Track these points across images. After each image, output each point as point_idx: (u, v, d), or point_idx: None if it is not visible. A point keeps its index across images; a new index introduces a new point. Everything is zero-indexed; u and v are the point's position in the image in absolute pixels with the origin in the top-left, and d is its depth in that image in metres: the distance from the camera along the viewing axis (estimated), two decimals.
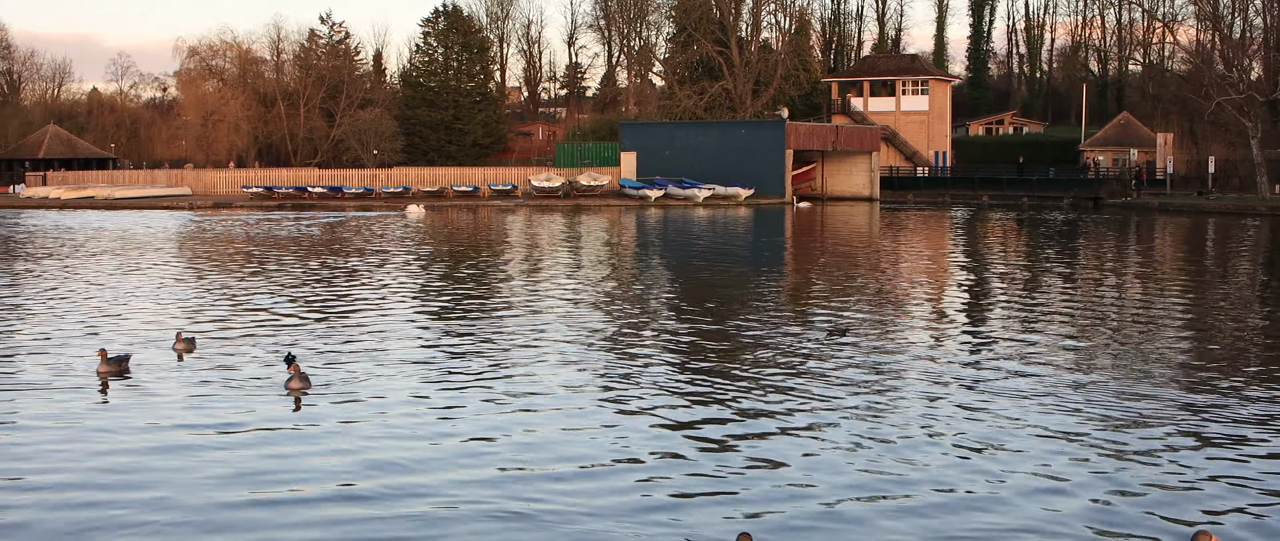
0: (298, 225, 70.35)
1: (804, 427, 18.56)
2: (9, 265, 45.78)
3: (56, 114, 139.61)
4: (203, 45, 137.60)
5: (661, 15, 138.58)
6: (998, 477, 15.82)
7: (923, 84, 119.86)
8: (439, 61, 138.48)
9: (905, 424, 18.72)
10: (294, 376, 21.17)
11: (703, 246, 55.66)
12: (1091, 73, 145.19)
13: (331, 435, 18.35)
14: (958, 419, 18.99)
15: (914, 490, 15.39)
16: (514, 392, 21.08)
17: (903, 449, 17.28)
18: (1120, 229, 67.21)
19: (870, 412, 19.47)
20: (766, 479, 15.96)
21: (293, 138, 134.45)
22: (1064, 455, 16.82)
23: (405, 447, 17.63)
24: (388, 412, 19.82)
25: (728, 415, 19.47)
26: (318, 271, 42.68)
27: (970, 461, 16.59)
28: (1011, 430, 18.20)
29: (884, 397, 20.53)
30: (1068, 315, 30.71)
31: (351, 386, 21.67)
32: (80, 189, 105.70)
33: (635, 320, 29.96)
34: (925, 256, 50.97)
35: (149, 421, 19.23)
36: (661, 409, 19.89)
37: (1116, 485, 15.36)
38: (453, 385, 21.75)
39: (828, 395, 20.67)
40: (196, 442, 17.89)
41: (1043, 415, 19.02)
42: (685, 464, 16.71)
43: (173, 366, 23.63)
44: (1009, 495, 15.02)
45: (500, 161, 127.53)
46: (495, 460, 16.83)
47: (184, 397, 20.86)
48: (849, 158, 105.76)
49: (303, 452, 17.39)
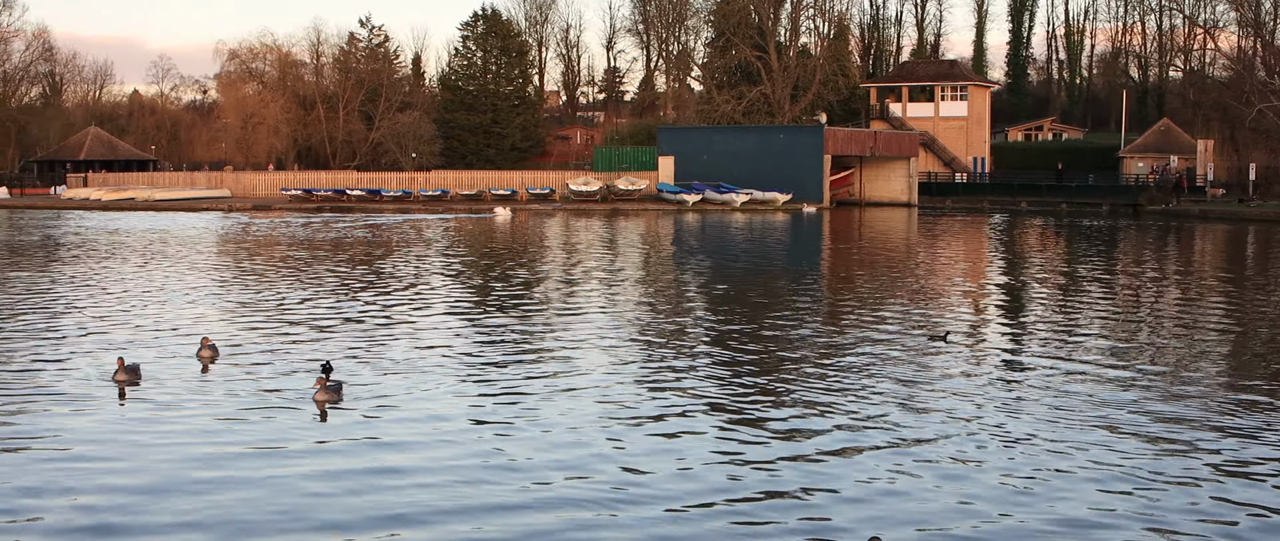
0: (380, 226, 70.61)
1: (838, 432, 18.63)
2: (46, 266, 46.11)
3: (98, 116, 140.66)
4: (243, 48, 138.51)
5: (700, 20, 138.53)
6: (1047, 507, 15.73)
7: (961, 90, 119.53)
8: (478, 65, 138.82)
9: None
10: (321, 388, 20.60)
11: (750, 251, 55.60)
12: (1131, 79, 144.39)
13: (340, 452, 17.70)
14: (1019, 443, 18.92)
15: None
16: (584, 409, 20.60)
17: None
18: (1160, 236, 66.81)
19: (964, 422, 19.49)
20: (812, 484, 16.02)
21: (331, 140, 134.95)
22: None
23: (442, 462, 17.60)
24: (427, 424, 19.76)
25: (818, 422, 19.52)
26: (388, 274, 42.90)
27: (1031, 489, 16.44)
28: (1060, 458, 18.08)
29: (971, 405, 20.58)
30: (1111, 324, 30.61)
31: (389, 399, 21.02)
32: (121, 191, 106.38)
33: (707, 328, 29.98)
34: (968, 263, 50.82)
35: (155, 433, 18.64)
36: (771, 421, 19.90)
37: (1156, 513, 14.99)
38: (512, 399, 21.05)
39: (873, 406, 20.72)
40: (205, 458, 17.24)
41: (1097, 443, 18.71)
42: (767, 475, 16.77)
43: (190, 376, 22.98)
44: (1047, 527, 14.68)
45: (538, 165, 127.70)
46: (593, 486, 16.04)
47: (195, 407, 20.28)
48: (887, 163, 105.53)
49: (319, 476, 16.52)
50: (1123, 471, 16.54)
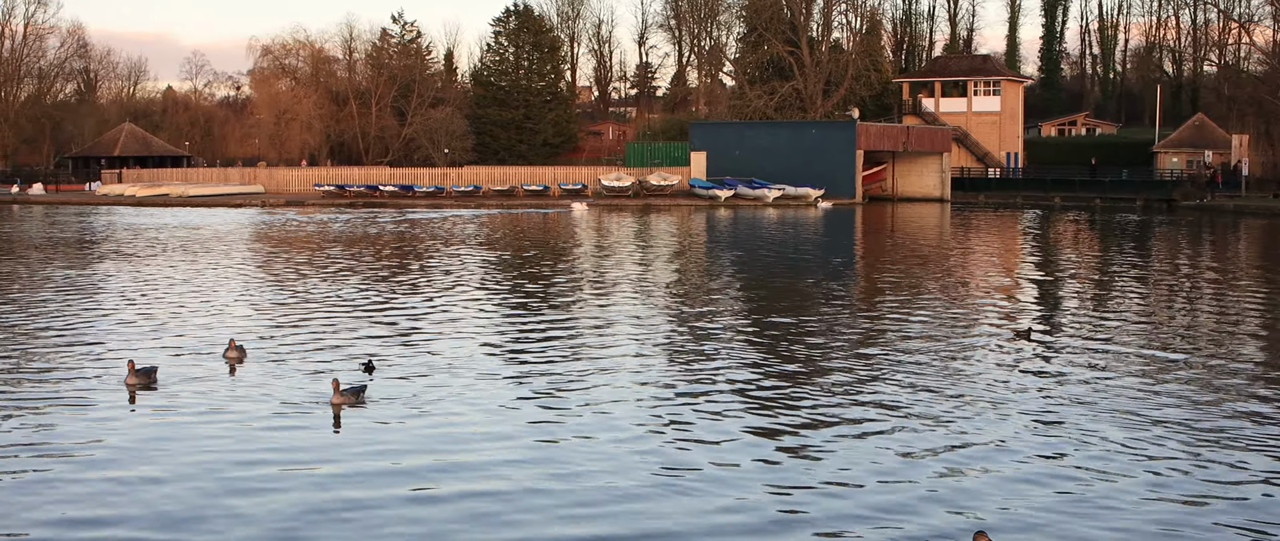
0: (462, 221, 70.85)
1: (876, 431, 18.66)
2: (83, 263, 46.31)
3: (132, 112, 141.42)
4: (276, 44, 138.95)
5: (732, 15, 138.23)
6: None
7: (994, 85, 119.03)
8: (510, 61, 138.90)
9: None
10: (336, 391, 20.01)
11: (799, 246, 55.62)
12: (1166, 74, 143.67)
13: (361, 455, 17.45)
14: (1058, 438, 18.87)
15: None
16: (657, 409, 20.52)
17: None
18: (1194, 231, 66.47)
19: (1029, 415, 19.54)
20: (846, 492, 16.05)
21: (364, 136, 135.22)
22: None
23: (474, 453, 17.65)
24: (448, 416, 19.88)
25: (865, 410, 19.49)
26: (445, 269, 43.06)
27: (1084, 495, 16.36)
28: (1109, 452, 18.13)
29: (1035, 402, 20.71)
30: (1155, 321, 30.55)
31: (421, 399, 20.82)
32: (155, 186, 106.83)
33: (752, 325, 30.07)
34: (1006, 259, 50.70)
35: (162, 440, 18.36)
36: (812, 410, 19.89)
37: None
38: (554, 402, 20.86)
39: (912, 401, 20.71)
40: (209, 469, 16.79)
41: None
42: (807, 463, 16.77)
43: (214, 378, 22.53)
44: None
45: (570, 161, 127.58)
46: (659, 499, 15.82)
47: (208, 414, 19.85)
48: (920, 158, 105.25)
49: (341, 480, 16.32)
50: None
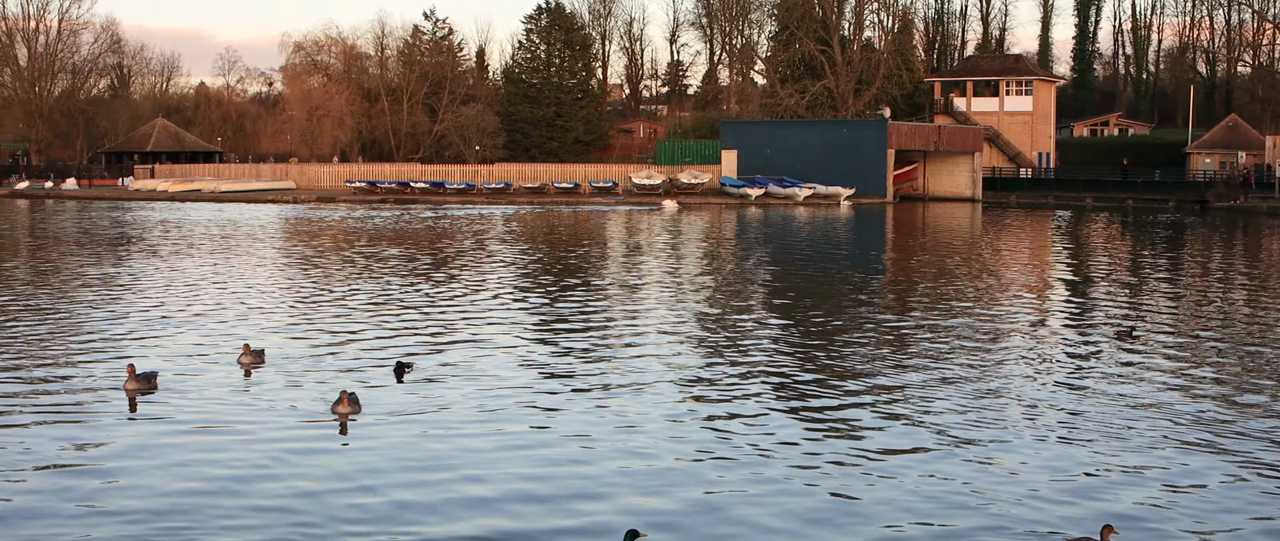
0: (568, 216, 70.96)
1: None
2: (116, 258, 46.49)
3: (165, 108, 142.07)
4: (308, 41, 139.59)
5: (764, 13, 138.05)
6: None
7: (1026, 84, 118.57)
8: (541, 58, 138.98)
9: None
10: (342, 400, 19.45)
11: (834, 246, 55.61)
12: (1199, 74, 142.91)
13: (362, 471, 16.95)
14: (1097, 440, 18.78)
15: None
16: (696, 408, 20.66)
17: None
18: (1230, 233, 66.07)
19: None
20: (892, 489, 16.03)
21: (396, 133, 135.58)
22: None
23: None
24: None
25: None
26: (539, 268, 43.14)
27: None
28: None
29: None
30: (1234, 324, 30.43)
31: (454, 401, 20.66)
32: (187, 182, 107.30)
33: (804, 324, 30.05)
34: (1038, 260, 50.54)
35: (158, 448, 17.93)
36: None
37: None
38: (591, 401, 20.87)
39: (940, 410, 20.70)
40: (202, 484, 16.28)
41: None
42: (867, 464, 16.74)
43: (224, 384, 21.91)
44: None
45: (601, 159, 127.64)
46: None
47: (207, 423, 19.29)
48: (951, 158, 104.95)
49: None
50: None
